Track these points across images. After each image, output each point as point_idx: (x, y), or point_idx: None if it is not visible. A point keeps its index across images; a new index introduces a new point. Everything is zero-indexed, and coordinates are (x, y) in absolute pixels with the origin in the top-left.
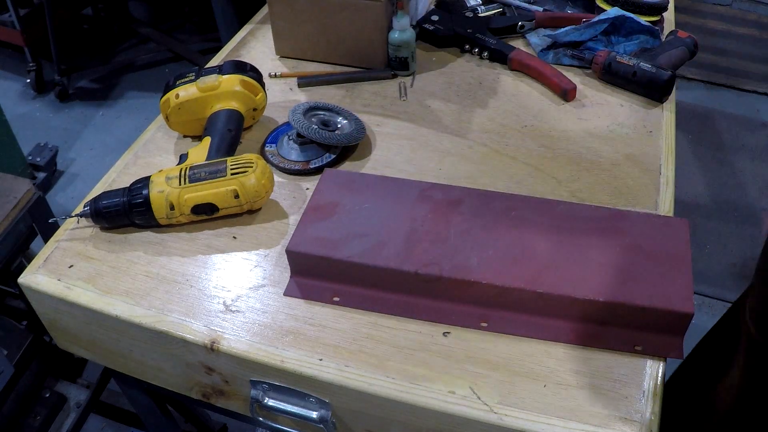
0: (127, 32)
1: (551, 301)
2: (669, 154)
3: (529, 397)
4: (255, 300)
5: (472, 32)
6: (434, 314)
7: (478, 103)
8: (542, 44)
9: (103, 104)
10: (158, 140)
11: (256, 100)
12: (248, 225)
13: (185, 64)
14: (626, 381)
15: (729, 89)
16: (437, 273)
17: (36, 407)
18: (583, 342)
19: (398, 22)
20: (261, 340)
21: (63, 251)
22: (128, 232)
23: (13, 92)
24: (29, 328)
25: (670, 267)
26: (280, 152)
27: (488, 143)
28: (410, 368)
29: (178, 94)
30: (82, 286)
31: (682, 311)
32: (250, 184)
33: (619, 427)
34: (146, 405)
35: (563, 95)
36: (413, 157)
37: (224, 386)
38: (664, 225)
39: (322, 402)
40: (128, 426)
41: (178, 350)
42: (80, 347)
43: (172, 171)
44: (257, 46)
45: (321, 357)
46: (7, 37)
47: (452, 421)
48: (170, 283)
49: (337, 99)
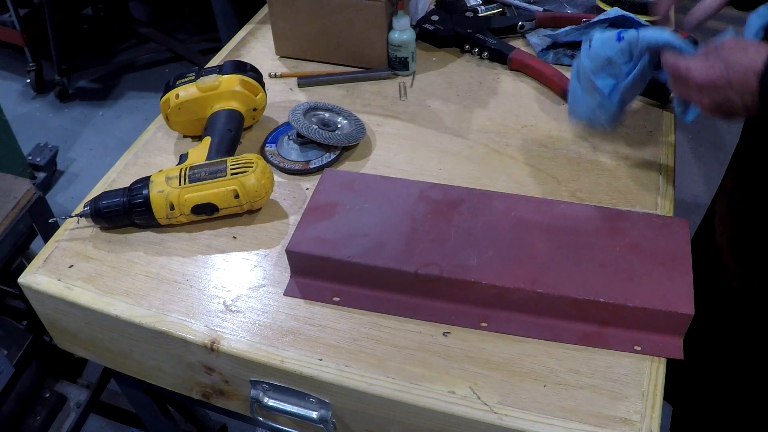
0: (127, 32)
1: (551, 301)
2: (669, 154)
3: (529, 397)
4: (255, 300)
5: (472, 32)
6: (434, 314)
7: (478, 103)
8: (542, 44)
9: (103, 104)
10: (158, 140)
11: (256, 100)
12: (248, 225)
13: (185, 64)
14: (626, 381)
15: None
16: (437, 273)
17: (36, 407)
18: (583, 342)
19: (398, 22)
20: (261, 340)
21: (63, 251)
22: (128, 232)
23: (13, 92)
24: (29, 328)
25: (670, 267)
26: (280, 152)
27: (488, 143)
28: (410, 368)
29: (178, 94)
30: (82, 286)
31: (682, 312)
32: (250, 184)
33: (619, 427)
34: (146, 405)
35: (563, 95)
36: (413, 157)
37: (224, 386)
38: (664, 225)
39: (322, 402)
40: (128, 426)
41: (178, 350)
42: (80, 347)
43: (172, 171)
44: (257, 46)
45: (321, 357)
46: (7, 37)
47: (452, 421)
48: (170, 283)
49: (337, 99)
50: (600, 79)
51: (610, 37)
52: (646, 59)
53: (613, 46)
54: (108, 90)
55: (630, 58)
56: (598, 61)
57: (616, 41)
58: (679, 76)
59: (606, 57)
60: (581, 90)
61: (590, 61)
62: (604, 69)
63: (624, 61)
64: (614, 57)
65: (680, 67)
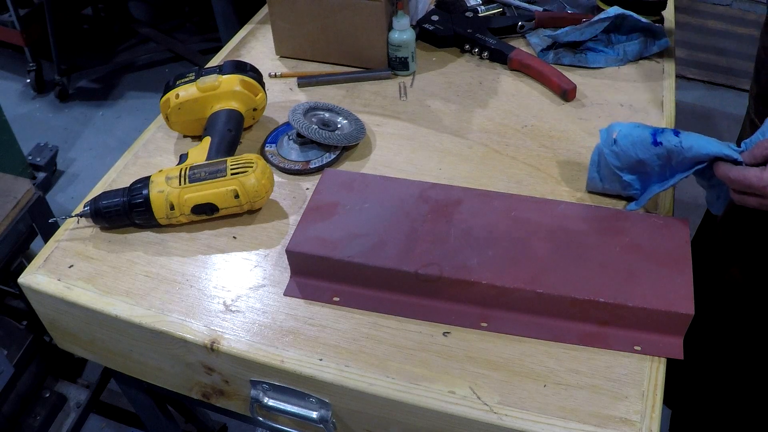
0: (127, 32)
1: (551, 301)
2: None
3: (529, 397)
4: (255, 300)
5: (472, 32)
6: (434, 314)
7: (478, 103)
8: (542, 44)
9: (103, 104)
10: (158, 140)
11: (256, 100)
12: (248, 225)
13: (185, 64)
14: (626, 381)
15: (729, 89)
16: (437, 273)
17: (36, 407)
18: (583, 342)
19: (398, 22)
20: (261, 340)
21: (63, 251)
22: (128, 232)
23: (13, 92)
24: (29, 328)
25: (670, 267)
26: (280, 152)
27: (488, 143)
28: (410, 368)
29: (178, 94)
30: (82, 286)
31: (682, 312)
32: (250, 184)
33: (619, 427)
34: (146, 405)
35: (563, 95)
36: (413, 157)
37: (224, 386)
38: (664, 225)
39: (322, 402)
40: (128, 426)
41: (178, 350)
42: (80, 347)
43: (172, 171)
44: (257, 46)
45: (321, 357)
46: (7, 37)
47: (452, 421)
48: (170, 283)
49: (337, 99)
50: (627, 175)
51: (643, 139)
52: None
53: (647, 150)
54: (108, 90)
55: (667, 162)
56: (626, 160)
57: (652, 145)
58: (753, 189)
59: (637, 159)
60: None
61: (617, 159)
62: (633, 167)
63: (659, 164)
64: (648, 160)
65: (753, 182)
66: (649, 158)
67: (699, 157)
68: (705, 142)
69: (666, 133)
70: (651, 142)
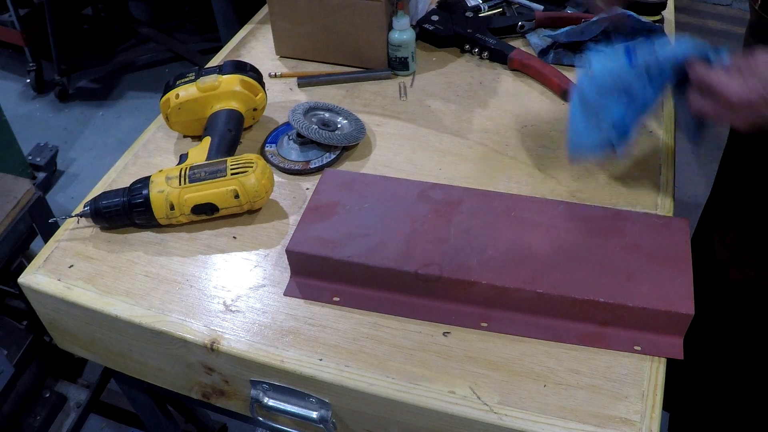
0: (127, 32)
1: (551, 301)
2: (669, 154)
3: (529, 397)
4: (255, 300)
5: (472, 32)
6: (434, 314)
7: (478, 103)
8: (542, 44)
9: (103, 104)
10: (158, 140)
11: (256, 100)
12: (248, 225)
13: (185, 64)
14: (626, 381)
15: None
16: (437, 273)
17: (36, 407)
18: (583, 342)
19: (398, 22)
20: (261, 340)
21: (63, 251)
22: (128, 232)
23: (13, 92)
24: (29, 328)
25: (670, 267)
26: (280, 152)
27: (488, 143)
28: (410, 368)
29: (178, 94)
30: (82, 286)
31: (682, 312)
32: (250, 184)
33: (619, 427)
34: (146, 405)
35: (563, 95)
36: (413, 157)
37: (224, 386)
38: (664, 225)
39: (322, 402)
40: (128, 426)
41: (178, 350)
42: (80, 347)
43: (172, 171)
44: (257, 46)
45: (321, 357)
46: (7, 37)
47: (452, 421)
48: (170, 283)
49: (337, 99)
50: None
51: (619, 63)
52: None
53: (626, 73)
54: (108, 90)
55: (649, 82)
56: (606, 90)
57: (629, 66)
58: (713, 92)
59: (618, 85)
60: (585, 122)
61: (596, 91)
62: (615, 97)
63: (642, 86)
64: (630, 84)
65: (715, 83)
66: (631, 82)
67: (675, 59)
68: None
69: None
70: (628, 63)
